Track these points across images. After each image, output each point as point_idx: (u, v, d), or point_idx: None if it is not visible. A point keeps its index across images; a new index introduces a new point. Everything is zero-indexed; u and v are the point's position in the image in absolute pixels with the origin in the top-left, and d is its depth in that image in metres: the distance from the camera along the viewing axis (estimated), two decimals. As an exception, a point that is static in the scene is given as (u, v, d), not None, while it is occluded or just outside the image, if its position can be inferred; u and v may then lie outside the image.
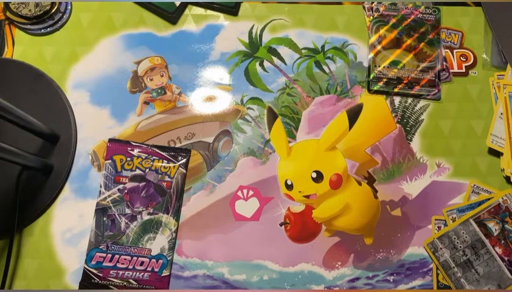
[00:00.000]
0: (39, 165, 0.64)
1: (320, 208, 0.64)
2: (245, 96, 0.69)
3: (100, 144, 0.67)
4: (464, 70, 0.72)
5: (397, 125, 0.69)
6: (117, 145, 0.66)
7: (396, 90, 0.70)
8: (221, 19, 0.72)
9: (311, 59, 0.71)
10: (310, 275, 0.63)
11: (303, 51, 0.72)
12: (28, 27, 0.70)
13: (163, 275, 0.62)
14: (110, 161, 0.65)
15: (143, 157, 0.65)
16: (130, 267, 0.62)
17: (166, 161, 0.65)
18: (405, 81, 0.70)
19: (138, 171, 0.65)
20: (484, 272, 0.62)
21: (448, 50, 0.72)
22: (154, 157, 0.65)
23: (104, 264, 0.62)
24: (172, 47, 0.71)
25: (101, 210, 0.64)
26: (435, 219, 0.65)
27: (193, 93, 0.70)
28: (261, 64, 0.71)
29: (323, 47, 0.72)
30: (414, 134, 0.69)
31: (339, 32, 0.72)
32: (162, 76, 0.70)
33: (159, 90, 0.69)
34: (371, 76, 0.70)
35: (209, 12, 0.73)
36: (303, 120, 0.69)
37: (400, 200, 0.66)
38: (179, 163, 0.66)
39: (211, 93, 0.70)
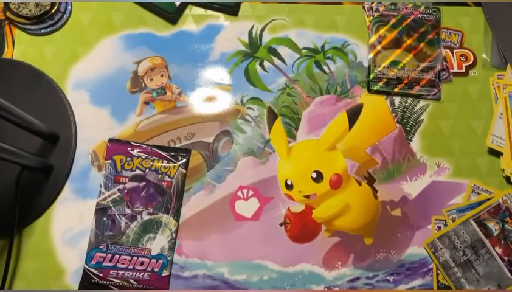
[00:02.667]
0: (39, 165, 0.64)
1: (320, 208, 0.64)
2: (245, 96, 0.69)
3: (100, 144, 0.67)
4: (464, 70, 0.72)
5: (397, 125, 0.69)
6: (117, 145, 0.66)
7: (396, 90, 0.69)
8: (221, 19, 0.72)
9: (311, 59, 0.71)
10: (310, 275, 0.63)
11: (303, 51, 0.71)
12: (28, 27, 0.70)
13: (163, 275, 0.62)
14: (110, 161, 0.65)
15: (143, 157, 0.65)
16: (130, 267, 0.62)
17: (166, 161, 0.65)
18: (405, 81, 0.70)
19: (138, 171, 0.65)
20: (484, 272, 0.62)
21: (448, 50, 0.72)
22: (154, 157, 0.65)
23: (104, 264, 0.62)
24: (172, 47, 0.71)
25: (101, 210, 0.63)
26: (435, 219, 0.65)
27: (193, 94, 0.69)
28: (261, 64, 0.71)
29: (323, 47, 0.72)
30: (414, 134, 0.69)
31: (338, 32, 0.72)
32: (162, 76, 0.70)
33: (159, 90, 0.69)
34: (371, 77, 0.70)
35: (209, 12, 0.73)
36: (303, 120, 0.69)
37: (400, 200, 0.66)
38: (179, 163, 0.66)
39: (211, 93, 0.70)
